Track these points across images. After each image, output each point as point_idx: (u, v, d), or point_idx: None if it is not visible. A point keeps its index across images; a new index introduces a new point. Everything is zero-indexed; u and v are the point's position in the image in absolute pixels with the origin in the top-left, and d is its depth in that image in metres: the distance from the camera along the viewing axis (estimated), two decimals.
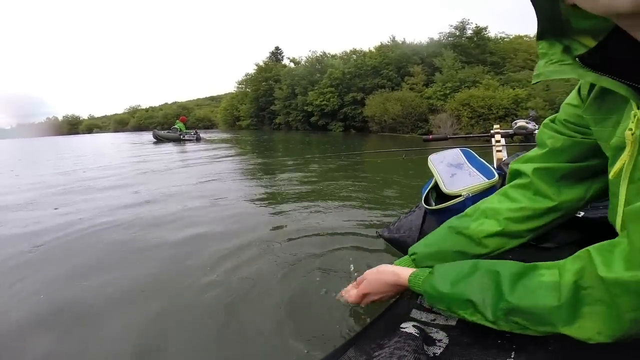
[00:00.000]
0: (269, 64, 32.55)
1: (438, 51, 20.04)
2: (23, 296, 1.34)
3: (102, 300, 1.29)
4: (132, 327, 1.10)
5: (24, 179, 4.71)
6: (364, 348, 0.57)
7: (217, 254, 1.65)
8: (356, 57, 24.36)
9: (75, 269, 1.56)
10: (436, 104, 17.93)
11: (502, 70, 19.01)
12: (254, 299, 1.25)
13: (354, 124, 22.36)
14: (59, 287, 1.40)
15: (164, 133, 13.48)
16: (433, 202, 0.98)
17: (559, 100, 14.87)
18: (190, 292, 1.31)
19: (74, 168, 5.81)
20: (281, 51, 36.41)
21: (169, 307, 1.21)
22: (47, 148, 13.41)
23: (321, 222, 2.17)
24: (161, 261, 1.62)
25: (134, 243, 1.86)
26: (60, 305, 1.25)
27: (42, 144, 17.92)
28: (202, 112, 48.47)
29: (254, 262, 1.56)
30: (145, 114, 54.54)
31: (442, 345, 0.56)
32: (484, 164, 0.99)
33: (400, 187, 3.37)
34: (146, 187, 3.54)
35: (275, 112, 28.67)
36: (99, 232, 2.06)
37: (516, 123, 1.73)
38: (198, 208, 2.58)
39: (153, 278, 1.45)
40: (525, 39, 21.20)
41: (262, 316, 1.13)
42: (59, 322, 1.15)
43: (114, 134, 40.37)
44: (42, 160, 7.80)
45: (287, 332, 1.03)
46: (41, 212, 2.59)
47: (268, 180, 4.04)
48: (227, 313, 1.16)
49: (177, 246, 1.79)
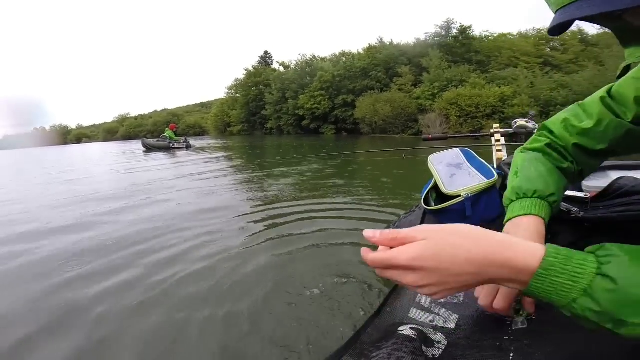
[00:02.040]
0: (258, 68, 32.49)
1: (425, 51, 20.32)
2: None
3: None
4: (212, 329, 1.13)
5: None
6: (362, 351, 0.56)
7: (216, 258, 1.69)
8: (345, 59, 24.54)
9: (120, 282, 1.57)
10: (425, 104, 18.16)
11: (487, 68, 19.38)
12: (251, 302, 1.26)
13: (345, 127, 22.49)
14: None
15: (153, 142, 13.23)
16: (433, 203, 0.97)
17: (543, 96, 15.19)
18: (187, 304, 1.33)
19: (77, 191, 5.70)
20: (270, 55, 36.46)
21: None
22: (36, 161, 13.10)
23: (322, 223, 2.20)
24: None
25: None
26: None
27: (30, 156, 17.48)
28: (192, 118, 48.03)
29: (251, 265, 1.58)
30: (134, 122, 53.78)
31: (441, 347, 0.55)
32: (483, 163, 0.99)
33: (400, 187, 3.41)
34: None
35: (267, 117, 28.61)
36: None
37: (516, 122, 1.71)
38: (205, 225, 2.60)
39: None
40: (509, 37, 21.67)
41: (261, 319, 1.15)
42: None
43: (104, 143, 39.73)
44: (41, 172, 7.60)
45: (283, 336, 1.05)
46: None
47: (263, 185, 3.98)
48: (229, 318, 1.18)
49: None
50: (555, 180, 0.57)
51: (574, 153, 0.60)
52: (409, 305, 0.68)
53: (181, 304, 1.29)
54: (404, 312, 0.67)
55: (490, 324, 0.57)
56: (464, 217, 0.86)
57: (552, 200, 0.54)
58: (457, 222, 0.82)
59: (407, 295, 0.71)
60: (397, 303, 0.70)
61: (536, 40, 20.46)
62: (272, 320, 1.14)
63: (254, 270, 1.54)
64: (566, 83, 15.25)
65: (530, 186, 0.56)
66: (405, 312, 0.67)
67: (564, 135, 0.60)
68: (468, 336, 0.56)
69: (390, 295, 0.72)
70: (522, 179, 0.58)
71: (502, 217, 0.80)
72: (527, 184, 0.57)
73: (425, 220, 0.98)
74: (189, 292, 1.38)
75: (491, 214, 0.88)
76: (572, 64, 17.78)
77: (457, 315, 0.62)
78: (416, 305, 0.68)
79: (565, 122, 0.61)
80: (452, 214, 0.85)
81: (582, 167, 0.61)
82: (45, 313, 1.30)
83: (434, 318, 0.63)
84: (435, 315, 0.64)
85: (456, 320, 0.61)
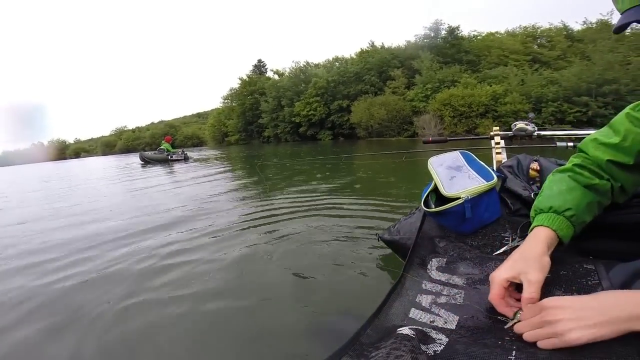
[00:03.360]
0: (252, 77, 32.70)
1: (415, 53, 20.63)
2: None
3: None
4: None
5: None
6: (361, 352, 0.56)
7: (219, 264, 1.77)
8: (339, 65, 24.81)
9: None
10: (419, 106, 18.40)
11: (478, 68, 19.68)
12: (254, 302, 1.34)
13: (342, 132, 22.70)
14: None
15: (150, 154, 13.02)
16: (433, 205, 0.97)
17: (534, 93, 15.49)
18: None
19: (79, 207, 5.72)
20: (264, 64, 36.71)
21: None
22: (39, 177, 12.91)
23: (322, 224, 2.26)
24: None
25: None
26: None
27: (33, 172, 17.24)
28: (190, 129, 47.90)
29: (253, 269, 1.66)
30: (132, 135, 53.42)
31: (442, 344, 0.55)
32: (483, 166, 0.99)
33: (399, 188, 3.46)
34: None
35: (263, 125, 28.77)
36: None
37: (515, 125, 1.69)
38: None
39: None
40: (497, 36, 22.02)
41: (263, 317, 1.21)
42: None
43: (103, 157, 39.52)
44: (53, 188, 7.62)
45: (284, 334, 1.10)
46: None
47: (266, 193, 3.96)
48: (239, 314, 1.27)
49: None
50: (576, 196, 0.61)
51: (609, 169, 0.62)
52: (409, 306, 0.68)
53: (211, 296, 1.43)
54: (404, 312, 0.67)
55: (491, 325, 0.58)
56: (463, 219, 0.86)
57: (568, 214, 0.59)
58: (456, 224, 0.85)
59: (407, 296, 0.71)
60: (396, 303, 0.70)
61: (523, 37, 20.80)
62: (270, 318, 1.22)
63: (255, 275, 1.64)
64: (555, 79, 15.54)
65: (547, 203, 0.63)
66: (405, 313, 0.66)
67: (596, 154, 0.64)
68: (469, 335, 0.57)
69: (389, 296, 0.71)
70: (543, 197, 0.65)
71: (501, 219, 0.90)
72: (546, 201, 0.64)
73: (425, 222, 0.98)
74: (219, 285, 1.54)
75: (491, 216, 0.89)
76: (560, 60, 18.08)
77: (457, 317, 0.63)
78: (416, 305, 0.68)
79: (595, 142, 0.65)
80: (452, 216, 0.87)
81: (621, 183, 0.63)
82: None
83: (434, 318, 0.63)
84: (436, 315, 0.64)
85: (456, 321, 0.61)
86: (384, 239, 1.31)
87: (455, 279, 0.74)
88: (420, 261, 0.83)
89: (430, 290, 0.72)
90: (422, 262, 0.82)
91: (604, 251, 0.68)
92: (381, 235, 1.33)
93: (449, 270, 0.77)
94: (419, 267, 0.81)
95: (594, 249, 0.68)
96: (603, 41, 15.03)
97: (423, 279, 0.76)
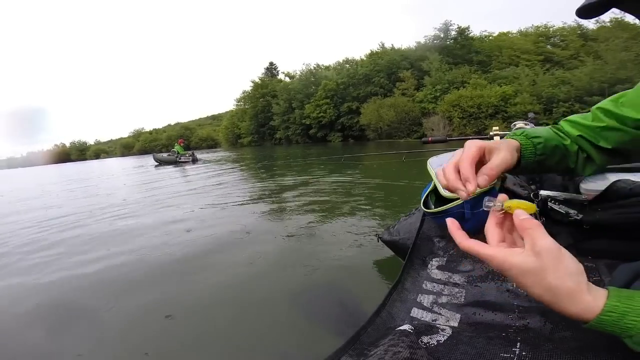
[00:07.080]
0: (264, 79, 33.15)
1: (425, 55, 20.52)
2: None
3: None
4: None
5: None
6: (361, 350, 0.56)
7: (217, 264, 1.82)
8: (349, 67, 24.91)
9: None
10: (428, 107, 18.36)
11: (488, 68, 19.40)
12: (253, 301, 1.37)
13: (351, 133, 22.85)
14: None
15: (162, 156, 14.42)
16: (432, 205, 0.97)
17: (545, 93, 15.29)
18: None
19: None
20: (276, 66, 37.25)
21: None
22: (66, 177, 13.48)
23: (322, 224, 2.30)
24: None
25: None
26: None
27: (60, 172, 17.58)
28: (204, 131, 49.03)
29: (251, 268, 1.68)
30: (149, 136, 55.41)
31: (446, 334, 0.56)
32: None
33: (399, 188, 3.48)
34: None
35: (275, 127, 29.20)
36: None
37: (515, 124, 1.67)
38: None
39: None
40: (509, 35, 21.64)
41: (263, 316, 1.23)
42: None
43: (121, 158, 40.58)
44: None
45: (284, 333, 1.11)
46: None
47: (272, 192, 4.01)
48: (237, 310, 1.30)
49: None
50: (547, 132, 0.61)
51: (579, 142, 0.61)
52: (410, 305, 0.68)
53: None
54: (406, 311, 0.67)
55: (495, 321, 0.58)
56: (462, 219, 0.85)
57: (536, 141, 0.57)
58: None
59: (408, 295, 0.70)
60: (397, 303, 0.70)
61: (536, 37, 20.37)
62: (271, 316, 1.24)
63: (254, 272, 1.68)
64: (567, 79, 15.25)
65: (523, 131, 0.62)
66: (406, 312, 0.67)
67: (569, 129, 0.63)
68: (472, 330, 0.57)
69: (390, 296, 0.71)
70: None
71: None
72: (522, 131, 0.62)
73: (425, 222, 0.98)
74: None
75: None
76: (573, 60, 17.71)
77: (460, 315, 0.63)
78: (418, 305, 0.67)
79: (569, 121, 0.65)
80: (451, 217, 0.99)
81: (588, 153, 0.61)
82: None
83: (436, 317, 0.63)
84: (437, 315, 0.64)
85: (458, 319, 0.62)
86: (383, 239, 1.31)
87: (456, 277, 0.74)
88: (420, 261, 0.83)
89: (430, 290, 0.73)
90: (422, 262, 0.83)
91: (604, 251, 0.68)
92: (381, 235, 1.34)
93: (449, 270, 0.77)
94: (419, 267, 0.81)
95: (594, 249, 0.69)
96: (616, 40, 14.70)
97: (423, 279, 0.77)
